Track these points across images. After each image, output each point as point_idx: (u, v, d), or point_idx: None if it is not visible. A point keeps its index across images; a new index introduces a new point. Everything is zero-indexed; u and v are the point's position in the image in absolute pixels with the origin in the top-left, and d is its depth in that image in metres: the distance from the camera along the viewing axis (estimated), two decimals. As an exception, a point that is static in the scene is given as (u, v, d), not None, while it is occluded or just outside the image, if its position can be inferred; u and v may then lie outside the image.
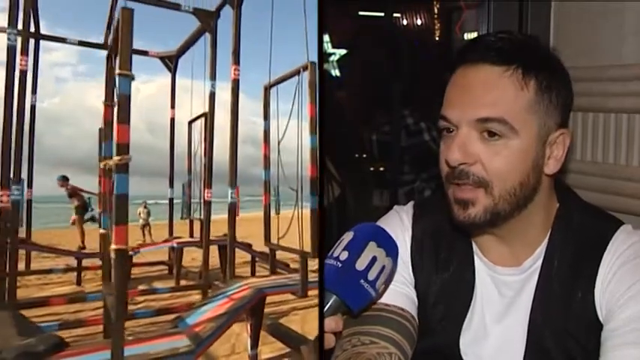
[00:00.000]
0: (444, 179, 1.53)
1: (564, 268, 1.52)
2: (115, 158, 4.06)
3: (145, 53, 11.64)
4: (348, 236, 1.44)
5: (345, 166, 3.14)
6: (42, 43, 10.64)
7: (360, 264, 1.39)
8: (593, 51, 2.48)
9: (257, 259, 10.50)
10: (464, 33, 3.03)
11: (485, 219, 1.48)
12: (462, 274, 1.61)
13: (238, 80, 7.51)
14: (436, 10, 3.23)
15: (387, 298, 1.58)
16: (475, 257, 1.62)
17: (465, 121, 1.45)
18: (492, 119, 1.43)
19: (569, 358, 1.49)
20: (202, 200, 6.01)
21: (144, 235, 21.09)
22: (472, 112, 1.44)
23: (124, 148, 4.07)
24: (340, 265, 1.39)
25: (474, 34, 2.87)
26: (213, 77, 8.02)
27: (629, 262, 1.46)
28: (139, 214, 22.09)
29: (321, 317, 1.39)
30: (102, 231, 5.61)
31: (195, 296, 8.26)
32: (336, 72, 3.28)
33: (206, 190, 8.14)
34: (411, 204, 1.76)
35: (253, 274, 10.21)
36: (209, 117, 8.17)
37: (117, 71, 4.04)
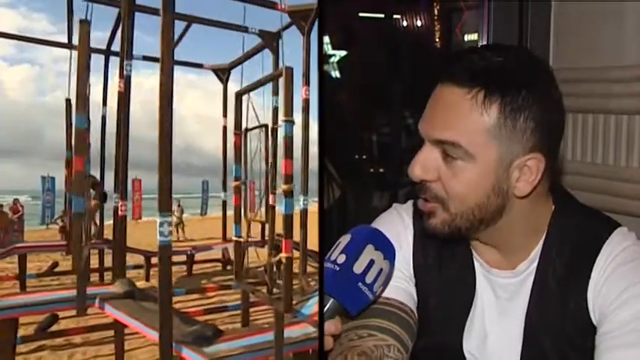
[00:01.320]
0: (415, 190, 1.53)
1: (559, 271, 1.51)
2: (284, 186, 4.89)
3: (200, 66, 12.95)
4: (345, 239, 1.43)
5: (345, 167, 3.14)
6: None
7: (358, 267, 1.39)
8: (594, 52, 2.48)
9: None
10: (464, 34, 3.03)
11: (444, 231, 1.49)
12: (463, 274, 1.61)
13: (309, 100, 8.46)
14: (436, 12, 3.23)
15: (386, 292, 1.57)
16: (474, 258, 1.62)
17: (427, 139, 1.45)
18: (447, 142, 1.41)
19: (562, 357, 1.49)
20: (266, 203, 6.35)
21: (177, 232, 21.10)
22: (432, 131, 1.43)
23: (289, 178, 4.87)
24: (338, 268, 1.38)
25: (475, 36, 2.87)
26: (275, 93, 8.77)
27: (622, 265, 1.45)
28: (173, 212, 22.01)
29: (321, 319, 1.39)
30: (235, 238, 6.28)
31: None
32: (336, 73, 3.28)
33: (270, 195, 8.67)
34: (410, 202, 1.74)
35: (305, 271, 10.44)
36: (271, 129, 8.63)
37: (282, 118, 4.89)
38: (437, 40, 3.23)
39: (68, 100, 10.39)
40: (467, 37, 3.01)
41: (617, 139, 2.37)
